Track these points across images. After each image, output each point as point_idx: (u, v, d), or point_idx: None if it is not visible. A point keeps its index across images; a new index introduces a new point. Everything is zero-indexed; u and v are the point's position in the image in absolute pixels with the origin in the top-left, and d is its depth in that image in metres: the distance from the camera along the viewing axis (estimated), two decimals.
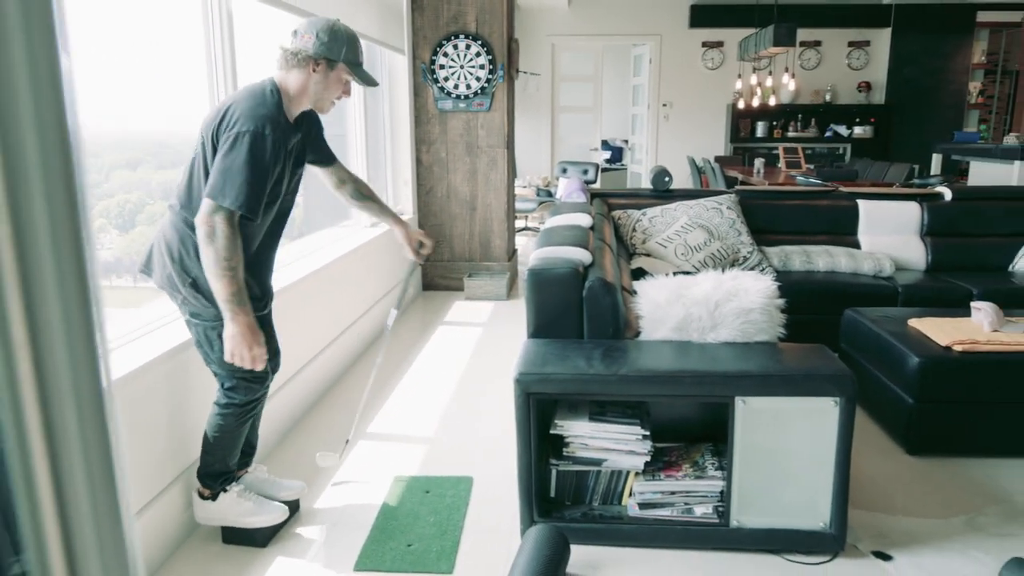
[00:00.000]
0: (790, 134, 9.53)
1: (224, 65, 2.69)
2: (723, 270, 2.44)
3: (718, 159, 8.84)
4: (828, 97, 9.50)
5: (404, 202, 5.16)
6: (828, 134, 9.52)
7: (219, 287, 1.88)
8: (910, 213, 4.46)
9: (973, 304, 2.97)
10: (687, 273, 3.65)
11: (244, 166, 1.86)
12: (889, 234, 4.45)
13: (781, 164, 7.78)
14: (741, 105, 8.09)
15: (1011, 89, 10.11)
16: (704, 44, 9.59)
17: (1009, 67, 9.90)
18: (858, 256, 4.14)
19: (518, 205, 7.64)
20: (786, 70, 8.32)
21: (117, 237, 2.71)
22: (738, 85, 8.15)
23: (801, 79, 9.41)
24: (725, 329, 2.29)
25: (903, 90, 9.27)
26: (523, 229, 8.15)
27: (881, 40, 9.35)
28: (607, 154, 12.12)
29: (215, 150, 1.90)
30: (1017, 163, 6.84)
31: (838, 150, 9.50)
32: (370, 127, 4.70)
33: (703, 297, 2.28)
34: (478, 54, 5.04)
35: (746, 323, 2.27)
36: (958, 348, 2.75)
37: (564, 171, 8.95)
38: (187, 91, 2.78)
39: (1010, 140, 7.56)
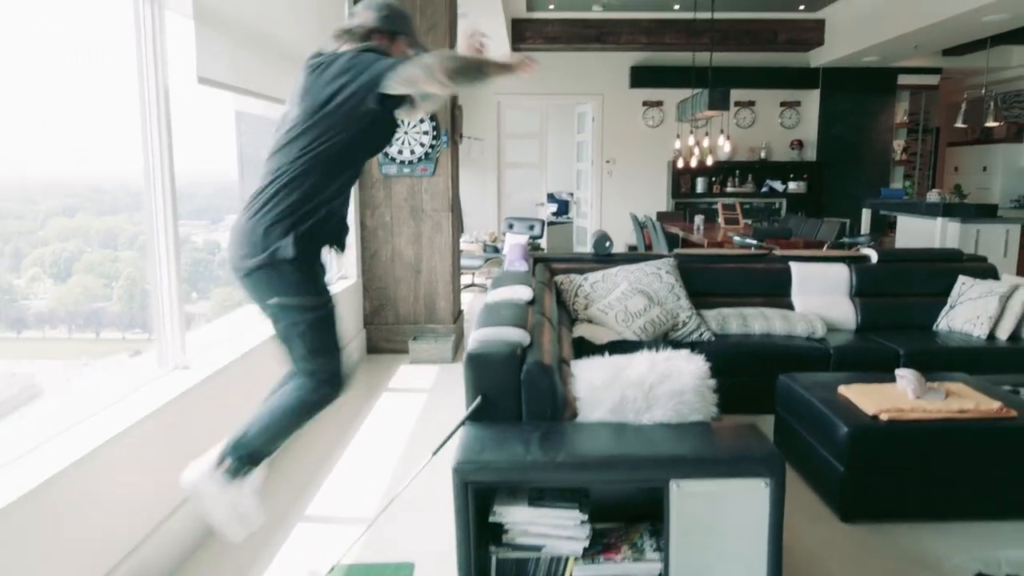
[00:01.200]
0: (729, 189, 9.87)
1: (157, 109, 2.66)
2: (657, 349, 2.49)
3: (660, 215, 9.09)
4: (763, 154, 9.91)
5: (348, 266, 5.14)
6: (764, 189, 9.89)
7: (492, 69, 2.01)
8: (840, 275, 4.65)
9: (897, 372, 3.08)
10: (627, 341, 3.72)
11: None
12: (821, 295, 4.62)
13: (720, 220, 8.03)
14: (680, 164, 8.36)
15: (932, 146, 10.72)
16: (644, 103, 9.93)
17: (929, 125, 10.51)
18: (792, 319, 4.28)
19: (465, 261, 7.68)
20: (721, 132, 8.67)
21: (52, 287, 2.63)
22: (677, 145, 8.43)
23: (737, 137, 9.81)
24: (660, 410, 2.32)
25: (833, 147, 9.73)
26: (470, 285, 8.18)
27: (811, 100, 9.84)
28: (554, 207, 12.33)
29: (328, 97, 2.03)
30: (939, 219, 7.23)
31: (774, 204, 9.87)
32: None
33: (638, 379, 2.32)
34: (422, 120, 5.11)
35: (680, 404, 2.31)
36: (884, 417, 2.84)
37: (511, 227, 9.07)
38: (121, 134, 2.69)
39: (932, 196, 7.98)
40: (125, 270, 3.12)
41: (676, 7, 8.64)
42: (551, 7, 8.68)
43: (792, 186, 9.76)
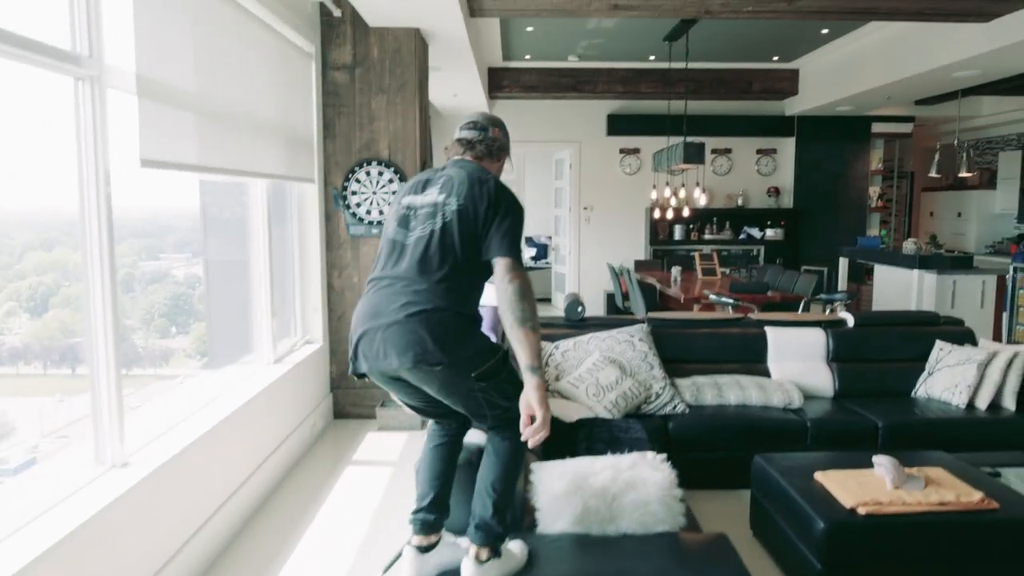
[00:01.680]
0: (707, 236, 9.85)
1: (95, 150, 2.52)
2: (622, 455, 2.35)
3: (637, 264, 9.02)
4: (740, 201, 9.91)
5: (314, 329, 4.98)
6: (742, 236, 9.87)
7: (534, 340, 1.96)
8: (816, 340, 4.55)
9: (875, 459, 2.96)
10: (597, 419, 3.56)
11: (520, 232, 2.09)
12: (797, 360, 4.52)
13: (697, 271, 7.97)
14: (657, 214, 8.32)
15: (908, 191, 10.79)
16: (622, 151, 9.93)
17: (904, 171, 10.59)
18: (768, 388, 4.17)
19: None
20: (697, 184, 8.66)
21: (28, 321, 2.57)
22: (653, 195, 8.40)
23: (715, 184, 9.81)
24: (625, 520, 2.18)
25: (809, 195, 9.75)
26: None
27: (787, 148, 9.89)
28: (533, 251, 12.26)
29: (476, 222, 2.04)
30: (916, 271, 7.20)
31: (752, 252, 9.85)
32: (277, 253, 4.56)
33: (601, 489, 2.18)
34: (391, 180, 5.01)
35: (645, 515, 2.17)
36: (863, 511, 2.71)
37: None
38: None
39: (908, 246, 7.97)
40: None
41: (651, 57, 8.68)
42: (527, 57, 8.69)
43: (770, 233, 9.75)
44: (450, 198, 2.07)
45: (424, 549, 2.15)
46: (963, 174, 7.78)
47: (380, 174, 5.00)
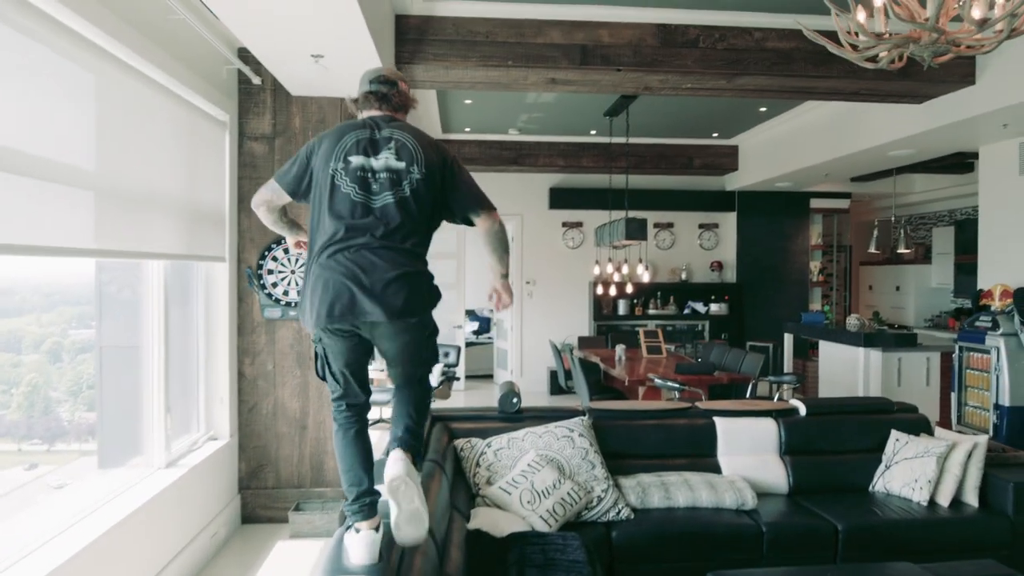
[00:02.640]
0: (651, 311, 9.66)
1: None
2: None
3: (581, 341, 8.72)
4: (684, 275, 9.80)
5: (220, 423, 4.45)
6: (687, 311, 9.72)
7: (507, 260, 2.45)
8: (767, 430, 4.25)
9: None
10: (532, 532, 3.13)
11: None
12: (748, 454, 4.20)
13: (642, 349, 7.70)
14: (600, 290, 8.09)
15: (847, 265, 10.89)
16: (564, 224, 9.78)
17: (843, 245, 10.71)
18: (719, 486, 3.81)
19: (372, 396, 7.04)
20: (640, 260, 8.54)
21: None
22: (596, 270, 8.19)
23: (658, 258, 9.69)
24: None
25: (752, 269, 9.71)
26: (377, 422, 7.50)
27: (728, 222, 9.88)
28: (475, 325, 11.89)
29: (441, 183, 2.32)
30: (861, 349, 7.07)
31: (697, 327, 9.69)
32: (178, 339, 4.07)
33: None
34: None
35: None
36: None
37: None
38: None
39: (851, 322, 7.88)
40: (27, 375, 3.02)
41: (592, 132, 8.62)
42: (467, 129, 8.53)
43: (714, 308, 9.63)
44: (412, 166, 2.24)
45: (375, 530, 2.16)
46: (901, 250, 7.83)
47: (300, 252, 4.59)
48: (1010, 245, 5.97)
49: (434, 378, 7.98)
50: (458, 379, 8.28)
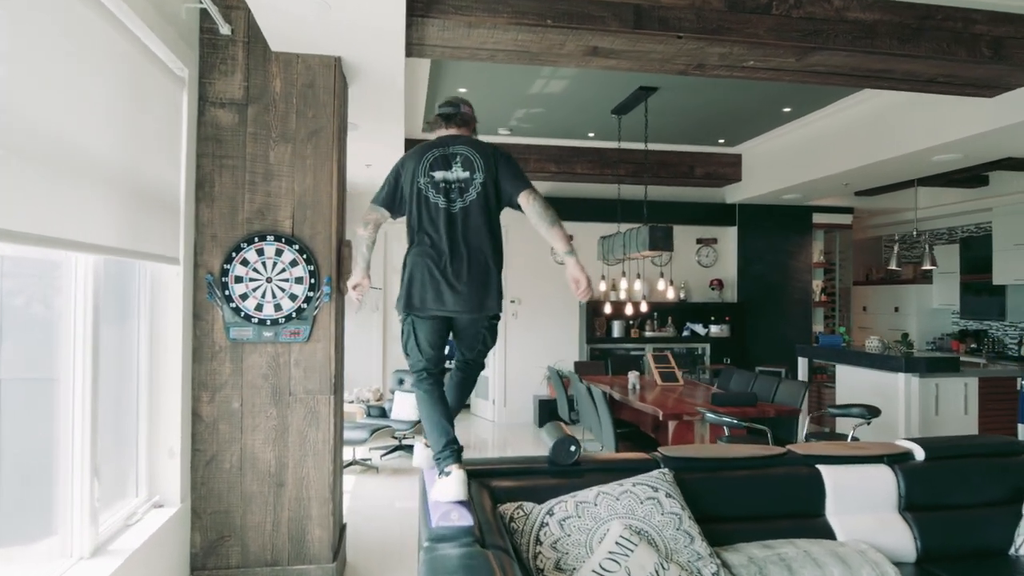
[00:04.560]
0: (648, 334, 8.81)
1: None
2: None
3: (578, 367, 7.78)
4: (683, 295, 9.00)
5: (168, 483, 3.30)
6: (686, 333, 8.90)
7: (562, 233, 2.66)
8: (883, 481, 3.36)
9: None
10: None
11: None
12: (864, 512, 3.30)
13: (654, 376, 6.81)
14: (609, 310, 7.19)
15: (850, 285, 10.33)
16: None
17: (844, 264, 10.14)
18: (851, 561, 2.89)
19: (345, 434, 5.93)
20: (638, 276, 7.69)
21: None
22: (602, 287, 7.29)
23: (653, 275, 8.87)
24: None
25: (753, 288, 8.99)
26: (350, 464, 6.36)
27: (727, 238, 9.16)
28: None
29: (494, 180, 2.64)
30: (903, 375, 6.36)
31: (697, 350, 8.88)
32: (108, 368, 2.94)
33: None
34: (294, 263, 3.54)
35: None
36: None
37: (401, 382, 7.43)
38: None
39: (873, 344, 7.19)
40: None
41: (590, 135, 7.77)
42: None
43: (714, 329, 8.84)
44: (476, 174, 2.62)
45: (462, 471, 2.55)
46: (927, 266, 7.23)
47: (278, 254, 3.53)
48: None
49: (414, 410, 6.89)
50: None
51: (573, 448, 3.15)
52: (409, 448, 7.12)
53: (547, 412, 8.43)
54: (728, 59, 4.21)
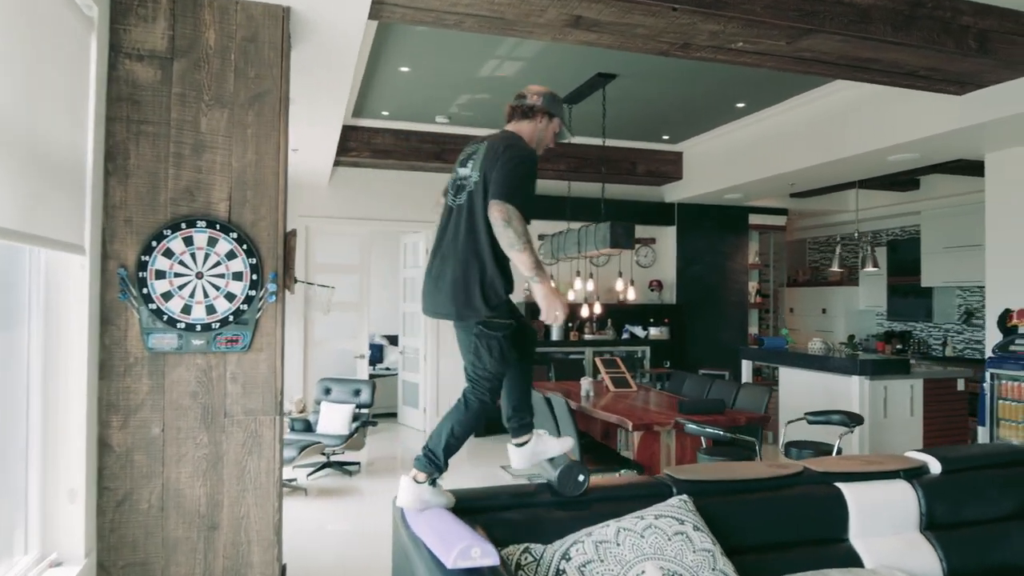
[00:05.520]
0: (587, 337, 8.46)
1: None
2: None
3: None
4: (621, 296, 8.70)
5: (67, 533, 2.59)
6: (625, 336, 8.62)
7: (524, 258, 2.27)
8: (903, 499, 3.07)
9: None
10: None
11: (525, 181, 2.40)
12: (886, 534, 2.99)
13: (605, 381, 6.44)
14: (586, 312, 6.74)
15: (784, 285, 10.38)
16: None
17: (778, 266, 10.17)
18: None
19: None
20: (577, 273, 7.33)
21: None
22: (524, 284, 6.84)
23: (609, 277, 8.54)
24: None
25: (692, 289, 8.83)
26: (324, 466, 5.65)
27: (666, 237, 8.96)
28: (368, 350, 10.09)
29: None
30: (856, 377, 6.27)
31: (636, 353, 8.61)
32: None
33: None
34: (231, 255, 2.89)
35: None
36: None
37: (327, 392, 6.74)
38: None
39: (816, 346, 7.13)
40: None
41: None
42: (384, 113, 6.93)
43: (654, 332, 8.61)
44: (474, 171, 2.43)
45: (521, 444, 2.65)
46: (870, 268, 7.25)
47: (212, 243, 2.87)
48: None
49: (343, 423, 6.23)
50: (375, 423, 6.57)
51: (582, 478, 2.68)
52: (339, 465, 6.45)
53: (484, 420, 7.91)
54: (718, 38, 3.86)
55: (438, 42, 5.04)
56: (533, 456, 2.65)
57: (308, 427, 6.46)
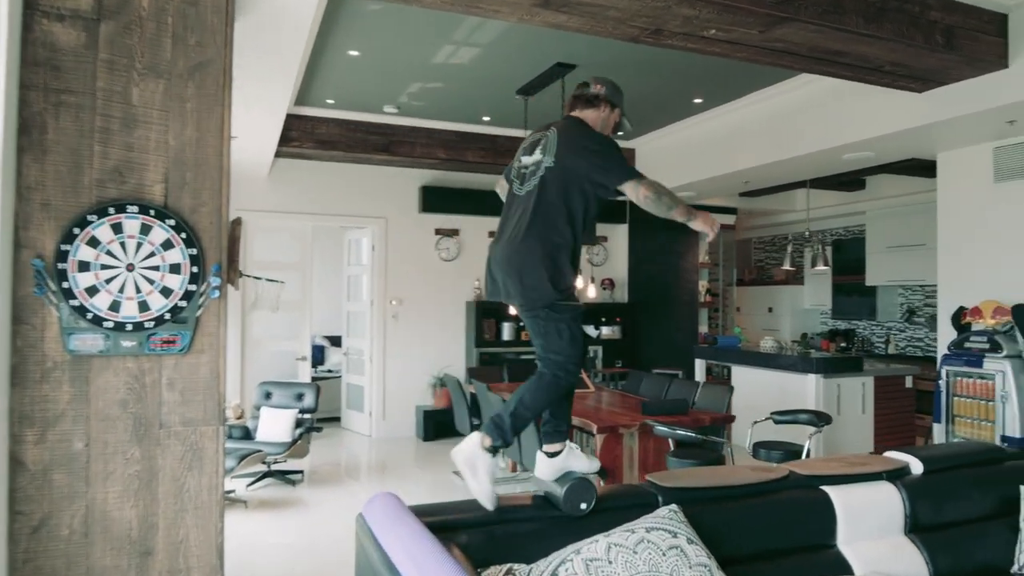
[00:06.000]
0: None
1: None
2: None
3: (473, 373, 7.07)
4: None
5: None
6: None
7: (681, 210, 2.48)
8: (888, 501, 2.97)
9: None
10: None
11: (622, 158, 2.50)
12: (873, 538, 2.88)
13: None
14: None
15: (732, 283, 10.42)
16: (438, 231, 8.10)
17: (728, 264, 10.21)
18: None
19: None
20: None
21: None
22: (476, 284, 6.62)
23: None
24: None
25: (644, 288, 8.75)
26: (264, 475, 5.26)
27: (618, 235, 8.86)
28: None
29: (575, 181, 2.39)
30: (812, 376, 6.26)
31: (589, 353, 8.46)
32: None
33: None
34: (168, 245, 2.56)
35: None
36: None
37: (268, 396, 6.34)
38: None
39: (768, 344, 7.13)
40: None
41: (485, 118, 7.10)
42: (329, 101, 6.58)
43: (606, 331, 8.49)
44: (546, 156, 2.42)
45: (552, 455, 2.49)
46: (821, 267, 7.30)
47: (145, 231, 2.53)
48: (982, 258, 5.43)
49: (285, 429, 5.86)
50: (320, 429, 6.21)
51: (589, 495, 2.47)
52: (281, 474, 6.07)
53: (434, 424, 7.64)
54: (691, 24, 3.70)
55: (391, 23, 4.75)
56: (560, 470, 2.48)
57: (247, 434, 6.06)
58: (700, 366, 7.69)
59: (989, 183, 5.36)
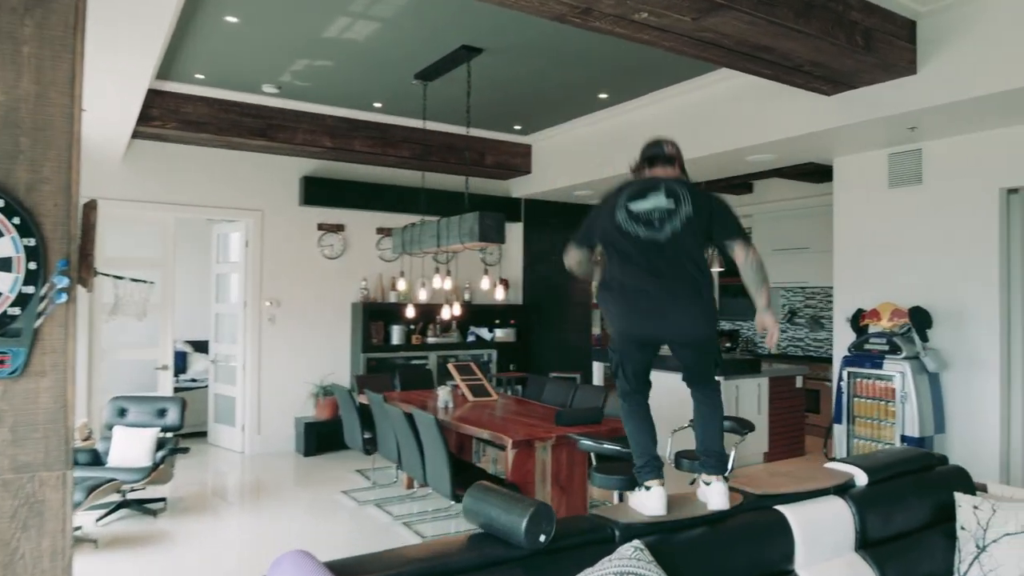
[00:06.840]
0: (431, 340, 7.81)
1: None
2: None
3: (362, 381, 6.50)
4: (468, 296, 8.16)
5: None
6: (471, 338, 8.08)
7: (767, 290, 2.55)
8: (839, 517, 2.79)
9: None
10: None
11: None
12: (828, 558, 2.69)
13: (461, 390, 5.84)
14: (412, 313, 6.06)
15: None
16: (321, 227, 7.44)
17: None
18: None
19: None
20: (436, 271, 6.69)
21: None
22: (363, 284, 6.14)
23: (432, 274, 7.89)
24: None
25: (539, 289, 8.50)
26: (118, 506, 4.41)
27: (513, 235, 8.54)
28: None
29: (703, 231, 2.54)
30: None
31: (483, 356, 8.10)
32: None
33: None
34: None
35: None
36: None
37: (122, 413, 5.48)
38: None
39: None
40: None
41: (376, 105, 6.55)
42: (199, 77, 5.79)
43: (500, 334, 8.15)
44: (682, 206, 2.51)
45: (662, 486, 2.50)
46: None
47: None
48: (878, 261, 5.56)
49: (144, 452, 5.06)
50: (186, 451, 5.41)
51: (545, 526, 2.07)
52: (139, 503, 5.24)
53: (316, 437, 6.99)
54: (623, 6, 3.41)
55: None
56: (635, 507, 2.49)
57: (96, 459, 5.19)
58: (598, 369, 7.55)
59: (884, 188, 5.50)
